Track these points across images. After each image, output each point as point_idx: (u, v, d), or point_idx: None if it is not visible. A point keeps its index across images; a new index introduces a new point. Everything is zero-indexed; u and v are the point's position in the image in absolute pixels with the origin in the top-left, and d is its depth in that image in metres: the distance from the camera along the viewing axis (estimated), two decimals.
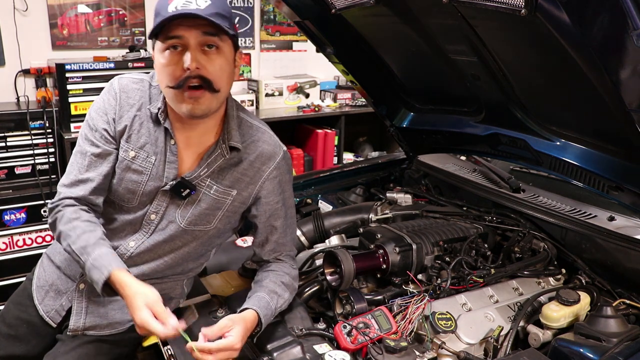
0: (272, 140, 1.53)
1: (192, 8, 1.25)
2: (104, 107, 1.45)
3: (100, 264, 1.33)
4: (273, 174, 1.51)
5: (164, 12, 1.27)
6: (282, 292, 1.50)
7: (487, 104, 2.02)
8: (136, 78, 1.48)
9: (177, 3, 1.26)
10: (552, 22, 1.30)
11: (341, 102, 4.41)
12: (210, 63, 1.31)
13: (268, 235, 1.57)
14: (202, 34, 1.28)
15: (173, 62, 1.31)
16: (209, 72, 1.31)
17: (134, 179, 1.44)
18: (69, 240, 1.38)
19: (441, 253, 1.77)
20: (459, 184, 2.28)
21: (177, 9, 1.26)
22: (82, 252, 1.35)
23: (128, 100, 1.44)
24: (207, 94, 1.33)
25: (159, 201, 1.47)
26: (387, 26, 1.92)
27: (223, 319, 1.35)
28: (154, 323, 1.26)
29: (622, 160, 1.66)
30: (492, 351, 1.45)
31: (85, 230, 1.39)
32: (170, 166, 1.44)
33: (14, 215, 3.06)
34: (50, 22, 3.47)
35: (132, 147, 1.44)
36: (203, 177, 1.46)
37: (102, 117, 1.44)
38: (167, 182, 1.45)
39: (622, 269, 1.72)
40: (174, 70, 1.31)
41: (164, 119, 1.42)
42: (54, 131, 3.14)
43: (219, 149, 1.45)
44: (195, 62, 1.29)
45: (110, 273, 1.32)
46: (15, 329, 1.55)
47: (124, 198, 1.47)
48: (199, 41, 1.29)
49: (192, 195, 1.46)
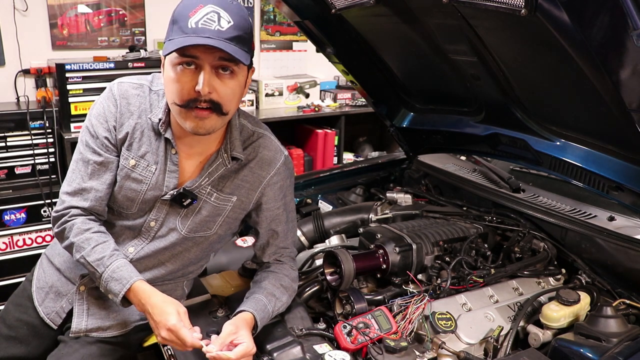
0: (272, 146, 1.50)
1: (213, 29, 1.20)
2: (104, 113, 1.41)
3: (120, 275, 1.35)
4: (274, 179, 1.50)
5: (184, 26, 1.22)
6: (280, 294, 1.49)
7: (487, 104, 2.02)
8: (136, 83, 1.44)
9: (198, 19, 1.21)
10: (552, 22, 1.30)
11: (341, 102, 4.40)
12: (223, 86, 1.28)
13: (269, 239, 1.57)
14: (218, 59, 1.24)
15: (184, 80, 1.26)
16: (220, 97, 1.28)
17: (134, 187, 1.43)
18: (82, 253, 1.39)
19: (441, 253, 1.77)
20: (459, 184, 2.28)
21: (197, 26, 1.21)
22: (99, 265, 1.37)
23: (128, 107, 1.41)
24: (213, 116, 1.29)
25: (158, 209, 1.46)
26: (387, 26, 1.91)
27: (226, 324, 1.35)
28: (186, 331, 1.28)
29: (622, 160, 1.66)
30: (492, 351, 1.45)
31: (98, 242, 1.39)
32: (170, 175, 1.43)
33: (14, 215, 3.06)
34: (50, 22, 3.46)
35: (133, 156, 1.42)
36: (204, 185, 1.44)
37: (103, 124, 1.41)
38: (167, 191, 1.43)
39: (622, 269, 1.72)
40: (184, 88, 1.26)
41: (165, 130, 1.40)
42: (54, 131, 3.14)
43: (221, 158, 1.43)
44: (207, 87, 1.24)
45: (132, 285, 1.34)
46: (15, 331, 1.54)
47: (123, 205, 1.46)
48: (214, 65, 1.25)
49: (194, 204, 1.45)
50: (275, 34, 4.42)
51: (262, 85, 4.17)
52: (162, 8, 3.66)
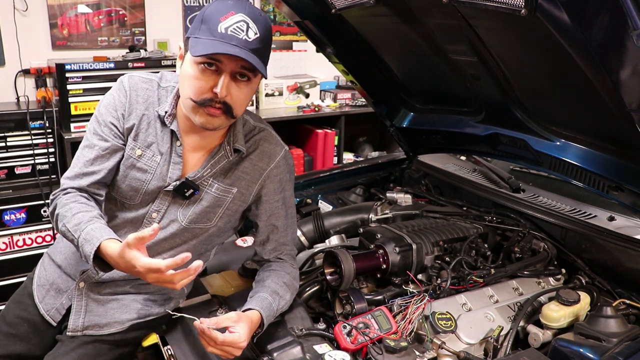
0: (273, 140, 1.55)
1: (241, 38, 1.27)
2: (113, 103, 1.45)
3: (92, 236, 1.30)
4: (274, 172, 1.53)
5: (214, 29, 1.27)
6: (283, 293, 1.50)
7: (487, 104, 2.02)
8: (146, 78, 1.49)
9: (228, 25, 1.27)
10: (552, 22, 1.30)
11: (341, 102, 4.40)
12: (238, 91, 1.34)
13: (269, 235, 1.58)
14: (239, 67, 1.31)
15: (203, 79, 1.31)
16: (233, 100, 1.34)
17: (138, 177, 1.46)
18: (64, 221, 1.37)
19: (441, 253, 1.77)
20: (459, 184, 2.28)
21: (227, 32, 1.26)
22: (76, 230, 1.34)
23: (137, 99, 1.46)
24: (223, 116, 1.35)
25: (161, 200, 1.49)
26: (387, 26, 1.91)
27: (230, 312, 1.35)
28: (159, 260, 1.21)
29: (622, 160, 1.66)
30: (492, 351, 1.45)
31: (80, 209, 1.38)
32: (174, 167, 1.46)
33: (14, 215, 3.06)
34: (50, 22, 3.46)
35: (139, 146, 1.46)
36: (206, 177, 1.48)
37: (112, 112, 1.45)
38: (170, 182, 1.46)
39: (622, 269, 1.72)
40: (202, 87, 1.32)
41: (171, 122, 1.44)
42: (54, 131, 3.14)
43: (223, 151, 1.47)
44: (225, 91, 1.31)
45: (100, 244, 1.29)
46: (15, 328, 1.54)
47: (127, 195, 1.48)
48: (235, 71, 1.31)
49: (196, 194, 1.47)
50: (275, 34, 4.42)
51: (262, 85, 4.17)
52: (162, 8, 3.65)
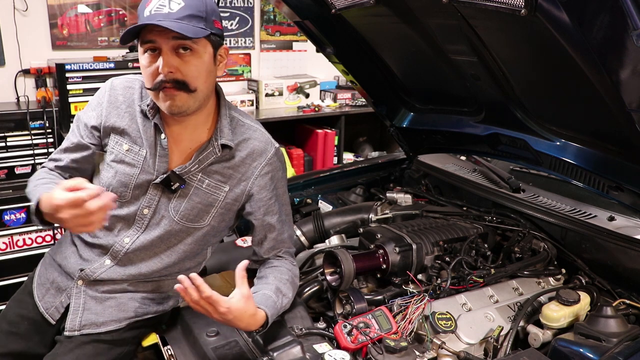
0: (263, 138, 1.56)
1: (164, 12, 1.30)
2: (92, 104, 1.54)
3: (37, 191, 1.36)
4: (265, 170, 1.54)
5: (141, 16, 1.34)
6: (286, 290, 1.50)
7: (487, 104, 2.02)
8: (130, 78, 1.55)
9: (152, 7, 1.32)
10: (552, 22, 1.30)
11: (341, 102, 4.40)
12: (185, 65, 1.35)
13: (266, 233, 1.58)
14: (172, 39, 1.32)
15: (150, 64, 1.36)
16: (183, 75, 1.35)
17: (127, 171, 1.49)
18: (29, 188, 1.46)
19: (441, 253, 1.77)
20: (459, 184, 2.28)
21: (151, 13, 1.31)
22: (33, 191, 1.41)
23: (117, 97, 1.51)
24: (182, 94, 1.37)
25: (151, 195, 1.50)
26: (387, 26, 1.91)
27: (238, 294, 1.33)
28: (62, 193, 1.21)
29: (622, 160, 1.66)
30: (492, 351, 1.45)
31: (45, 177, 1.49)
32: (161, 160, 1.49)
33: (14, 215, 3.05)
34: (50, 22, 3.46)
35: (126, 141, 1.50)
36: (194, 172, 1.49)
37: (89, 113, 1.53)
38: (158, 175, 1.48)
39: (622, 269, 1.72)
40: (151, 72, 1.36)
41: (153, 115, 1.47)
42: (54, 131, 3.14)
43: (211, 147, 1.49)
44: (167, 67, 1.33)
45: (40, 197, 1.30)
46: (16, 326, 1.55)
47: (118, 191, 1.50)
48: (172, 45, 1.33)
49: (183, 189, 1.49)
50: (275, 34, 4.42)
51: (262, 85, 4.17)
52: None
